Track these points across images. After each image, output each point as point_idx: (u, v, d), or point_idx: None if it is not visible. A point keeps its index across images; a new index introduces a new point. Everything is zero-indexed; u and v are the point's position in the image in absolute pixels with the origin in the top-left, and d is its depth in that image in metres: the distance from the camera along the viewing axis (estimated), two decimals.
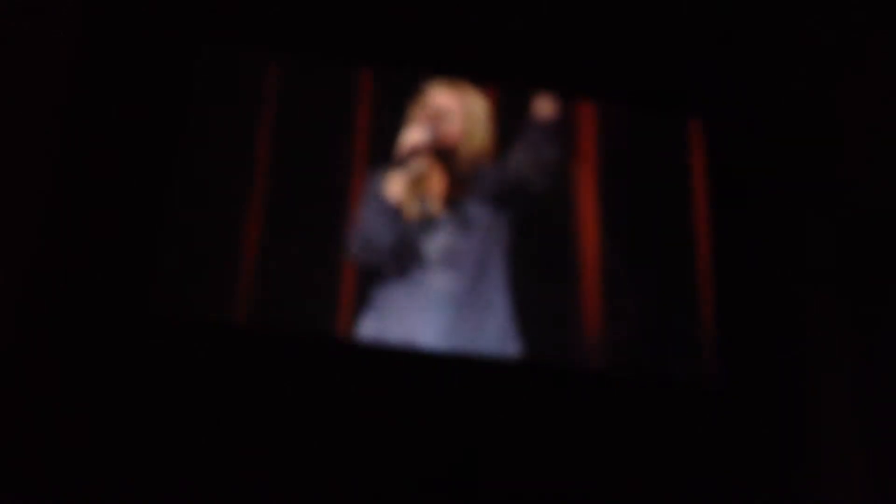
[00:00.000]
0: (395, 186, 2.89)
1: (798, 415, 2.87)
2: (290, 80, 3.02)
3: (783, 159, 3.17)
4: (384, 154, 2.95)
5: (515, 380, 2.80)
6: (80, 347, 2.64)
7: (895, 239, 2.89)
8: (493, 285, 2.85)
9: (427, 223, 2.86)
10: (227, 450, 2.60)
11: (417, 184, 2.88)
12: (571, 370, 2.86)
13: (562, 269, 2.94)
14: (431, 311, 2.80)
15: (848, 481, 2.75)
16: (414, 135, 2.89)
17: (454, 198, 2.90)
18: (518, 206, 2.93)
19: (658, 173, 3.13)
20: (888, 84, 2.99)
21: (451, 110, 2.96)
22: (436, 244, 2.85)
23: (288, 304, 2.80)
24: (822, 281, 3.02)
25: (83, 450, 2.54)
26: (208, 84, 2.98)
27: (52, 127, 2.81)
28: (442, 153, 2.91)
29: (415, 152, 2.87)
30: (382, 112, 3.01)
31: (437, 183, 2.91)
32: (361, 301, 2.81)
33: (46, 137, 2.80)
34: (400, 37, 3.11)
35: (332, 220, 2.89)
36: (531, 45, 3.17)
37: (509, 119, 3.03)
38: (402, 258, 2.82)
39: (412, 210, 2.86)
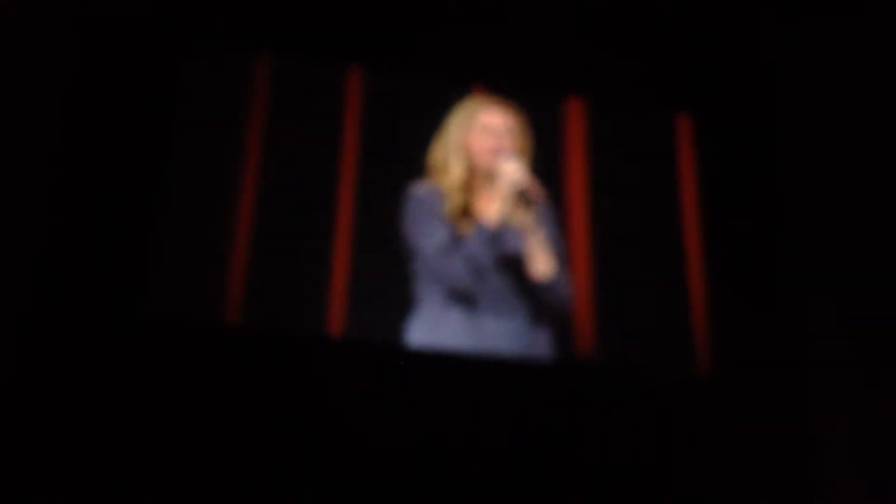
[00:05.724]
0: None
1: (792, 411, 2.88)
2: (280, 80, 3.00)
3: (772, 152, 3.19)
4: (375, 154, 2.96)
5: (511, 377, 2.81)
6: (71, 350, 2.63)
7: (891, 232, 2.89)
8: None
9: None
10: (220, 450, 2.60)
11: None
12: (564, 366, 2.86)
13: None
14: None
15: (842, 476, 2.76)
16: (519, 168, 2.80)
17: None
18: None
19: (647, 168, 3.14)
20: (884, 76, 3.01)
21: (506, 130, 2.90)
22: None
23: (279, 303, 2.79)
24: (814, 271, 3.02)
25: (76, 452, 2.54)
26: (198, 85, 2.96)
27: (42, 129, 2.80)
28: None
29: (527, 189, 2.79)
30: (372, 110, 3.01)
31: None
32: (353, 300, 2.80)
33: (37, 140, 2.78)
34: (388, 34, 3.11)
35: (322, 219, 2.89)
36: (519, 41, 3.17)
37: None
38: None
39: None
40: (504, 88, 3.04)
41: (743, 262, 3.06)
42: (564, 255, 2.93)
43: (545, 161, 3.01)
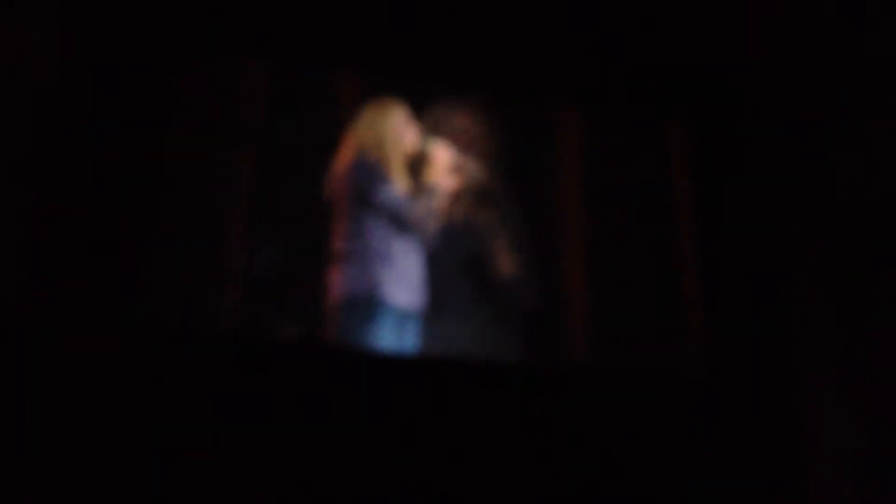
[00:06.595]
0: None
1: (789, 413, 2.88)
2: (274, 85, 3.01)
3: (765, 156, 3.19)
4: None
5: (505, 379, 2.80)
6: (66, 353, 2.62)
7: (882, 231, 2.90)
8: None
9: None
10: (216, 455, 2.59)
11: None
12: (558, 367, 2.87)
13: (548, 269, 2.95)
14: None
15: (840, 477, 2.76)
16: (447, 150, 2.89)
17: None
18: None
19: (641, 175, 3.14)
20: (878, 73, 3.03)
21: (462, 131, 2.97)
22: None
23: (274, 309, 2.79)
24: (808, 275, 3.02)
25: (73, 455, 2.53)
26: (194, 88, 2.96)
27: (35, 135, 2.80)
28: None
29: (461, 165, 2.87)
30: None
31: None
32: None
33: (30, 145, 2.78)
34: (383, 39, 3.11)
35: (317, 224, 2.88)
36: (514, 50, 3.17)
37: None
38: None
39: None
40: (499, 97, 3.06)
41: (738, 266, 3.05)
42: (527, 255, 2.93)
43: (540, 168, 3.03)
